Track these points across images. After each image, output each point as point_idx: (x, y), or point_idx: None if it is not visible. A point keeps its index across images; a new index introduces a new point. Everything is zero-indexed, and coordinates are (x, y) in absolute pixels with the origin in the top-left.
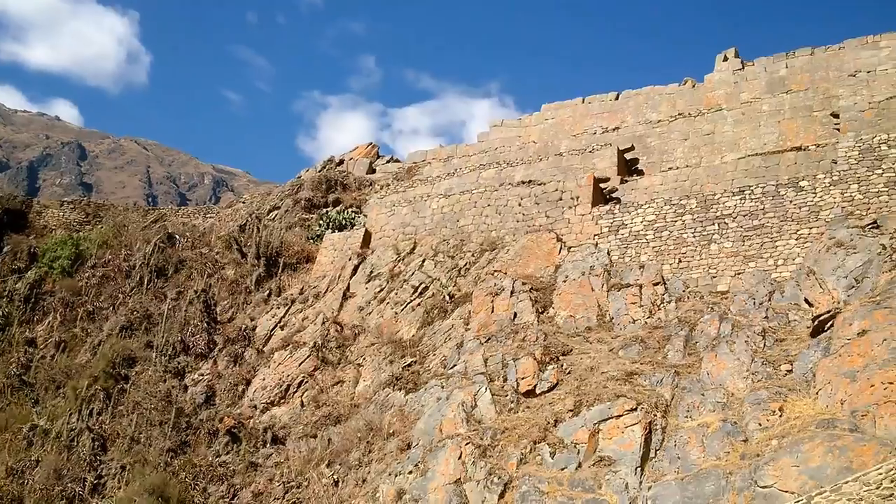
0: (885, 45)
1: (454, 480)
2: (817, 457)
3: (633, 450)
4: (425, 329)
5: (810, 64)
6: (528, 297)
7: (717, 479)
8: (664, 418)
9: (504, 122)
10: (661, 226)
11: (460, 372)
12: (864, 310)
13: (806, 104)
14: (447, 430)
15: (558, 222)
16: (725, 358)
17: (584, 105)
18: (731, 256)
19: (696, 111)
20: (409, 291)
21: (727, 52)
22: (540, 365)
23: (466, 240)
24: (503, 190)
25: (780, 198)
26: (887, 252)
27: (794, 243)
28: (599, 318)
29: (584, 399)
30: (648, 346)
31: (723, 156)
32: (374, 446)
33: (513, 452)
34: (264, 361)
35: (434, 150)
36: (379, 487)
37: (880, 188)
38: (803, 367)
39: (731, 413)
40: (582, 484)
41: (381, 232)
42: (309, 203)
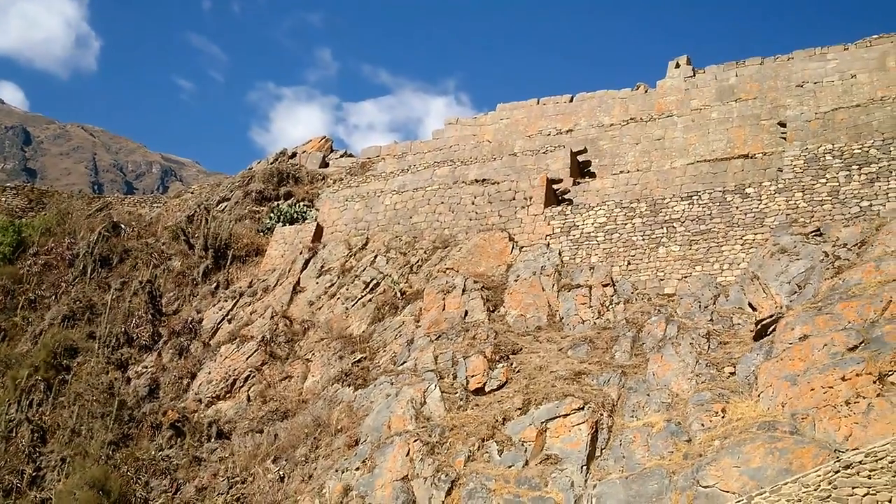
0: (832, 58)
1: (402, 477)
2: (758, 458)
3: (580, 448)
4: (376, 325)
5: (759, 73)
6: (479, 296)
7: (660, 478)
8: (610, 418)
9: (459, 121)
10: (612, 228)
11: (410, 369)
12: (806, 315)
13: (754, 113)
14: (396, 427)
15: (511, 222)
16: (671, 359)
17: (538, 106)
18: (678, 260)
19: (647, 116)
20: (361, 287)
21: (679, 59)
22: (490, 363)
23: (419, 237)
24: (457, 188)
25: (726, 204)
26: (829, 259)
27: (739, 248)
28: (550, 318)
29: (532, 398)
30: (597, 346)
31: (672, 161)
32: (322, 442)
33: (461, 450)
34: (210, 355)
35: (389, 145)
36: (325, 484)
37: (824, 197)
38: (746, 369)
39: (675, 413)
40: (528, 482)
41: (333, 226)
42: (260, 195)
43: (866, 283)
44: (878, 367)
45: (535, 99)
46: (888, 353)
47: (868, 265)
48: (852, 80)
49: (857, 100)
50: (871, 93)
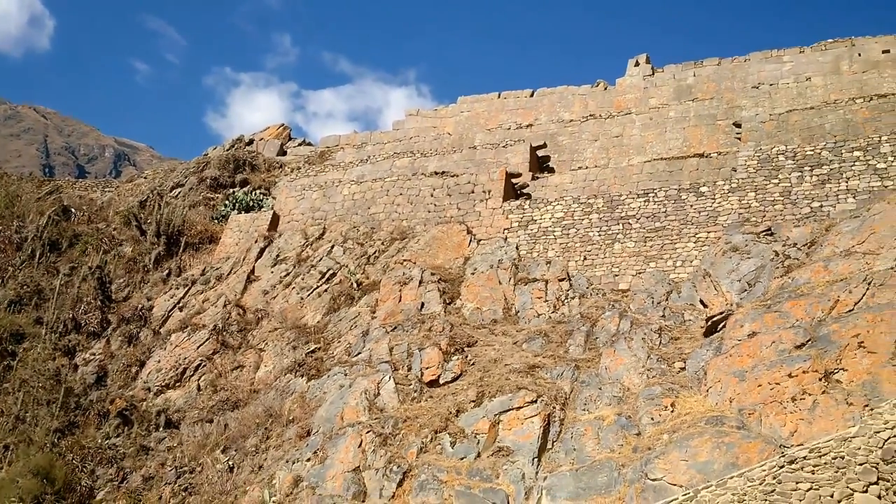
0: (787, 60)
1: (353, 468)
2: (705, 452)
3: (532, 441)
4: (331, 316)
5: (716, 74)
6: (436, 288)
7: (609, 471)
8: (563, 411)
9: (420, 112)
10: (569, 223)
11: (365, 360)
12: (755, 313)
13: (710, 113)
14: (349, 418)
15: (469, 215)
16: (623, 354)
17: (499, 100)
18: (633, 256)
19: (606, 113)
20: (317, 277)
21: (639, 58)
22: (445, 355)
23: (377, 228)
24: (416, 179)
25: (681, 202)
26: (779, 258)
27: (692, 246)
28: (505, 312)
29: (486, 390)
30: (551, 340)
31: (630, 158)
32: (273, 433)
33: (414, 441)
34: (160, 343)
35: (348, 135)
36: (276, 474)
37: (776, 197)
38: (696, 365)
39: (626, 407)
40: (480, 473)
41: (289, 215)
42: (215, 182)
43: (815, 282)
44: (823, 365)
45: (497, 93)
46: (834, 352)
47: (817, 265)
48: (807, 82)
49: (811, 102)
50: (824, 96)
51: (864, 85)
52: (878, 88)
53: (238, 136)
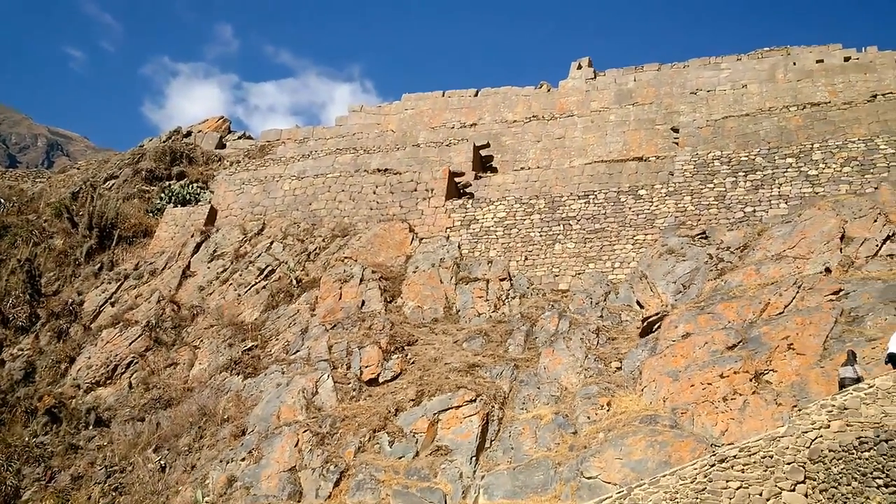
0: (725, 67)
1: (289, 468)
2: (639, 450)
3: (470, 440)
4: (269, 313)
5: (656, 79)
6: (377, 286)
7: (546, 469)
8: (501, 410)
9: (364, 108)
10: (511, 223)
11: (303, 358)
12: (689, 314)
13: (650, 117)
14: (285, 417)
15: (412, 213)
16: (562, 353)
17: (444, 98)
18: (573, 257)
19: (549, 115)
20: (255, 273)
21: (581, 61)
22: (385, 354)
23: (318, 224)
24: (358, 176)
25: (620, 204)
26: (713, 261)
27: (630, 248)
28: (446, 310)
29: (426, 389)
30: (491, 339)
31: (571, 160)
32: (207, 432)
33: (351, 441)
34: (91, 339)
35: (290, 129)
36: (209, 474)
37: (711, 201)
38: (631, 364)
39: (563, 406)
40: (418, 472)
41: (227, 210)
42: (151, 174)
43: (747, 285)
44: (754, 366)
45: (441, 91)
46: (764, 353)
47: (749, 268)
48: (743, 89)
49: (746, 109)
50: (759, 103)
51: (798, 93)
52: (812, 97)
53: (176, 128)
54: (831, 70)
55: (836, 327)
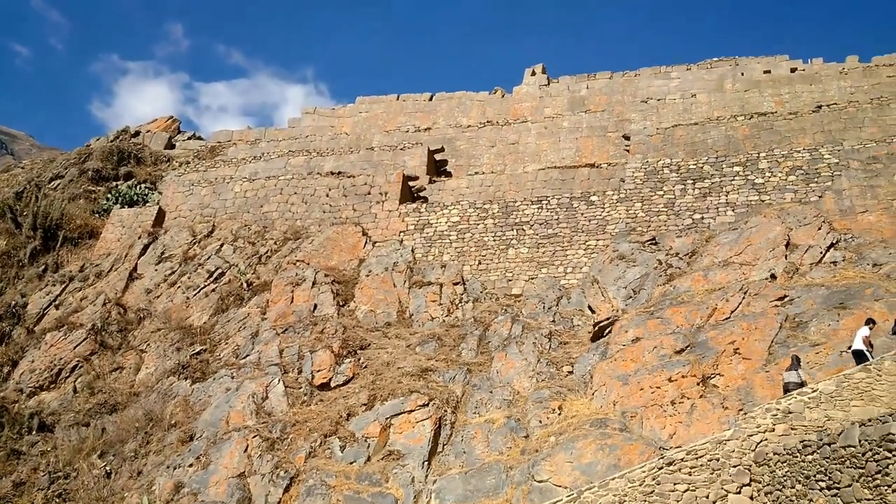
0: (675, 76)
1: (238, 474)
2: (589, 454)
3: (423, 444)
4: (218, 316)
5: (608, 87)
6: (329, 290)
7: (498, 473)
8: (454, 414)
9: (317, 110)
10: (465, 228)
11: (253, 362)
12: (639, 319)
13: (602, 124)
14: (234, 422)
15: (365, 216)
16: (514, 358)
17: (398, 102)
18: (526, 262)
19: (503, 120)
20: (204, 276)
21: (535, 67)
22: (337, 358)
23: (269, 227)
24: (311, 179)
25: (573, 210)
26: (663, 267)
27: (582, 253)
28: (399, 314)
29: (378, 393)
30: (445, 343)
31: (525, 166)
32: (153, 437)
33: (302, 446)
34: (34, 342)
35: (241, 130)
36: (155, 480)
37: (661, 208)
38: (583, 369)
39: (515, 410)
40: (369, 478)
41: (176, 211)
42: (97, 174)
43: (695, 290)
44: (701, 370)
45: (396, 95)
46: (711, 357)
47: (697, 274)
48: (692, 99)
49: (695, 118)
50: (708, 112)
51: (745, 103)
52: (759, 107)
53: (124, 127)
54: (778, 81)
55: (780, 332)
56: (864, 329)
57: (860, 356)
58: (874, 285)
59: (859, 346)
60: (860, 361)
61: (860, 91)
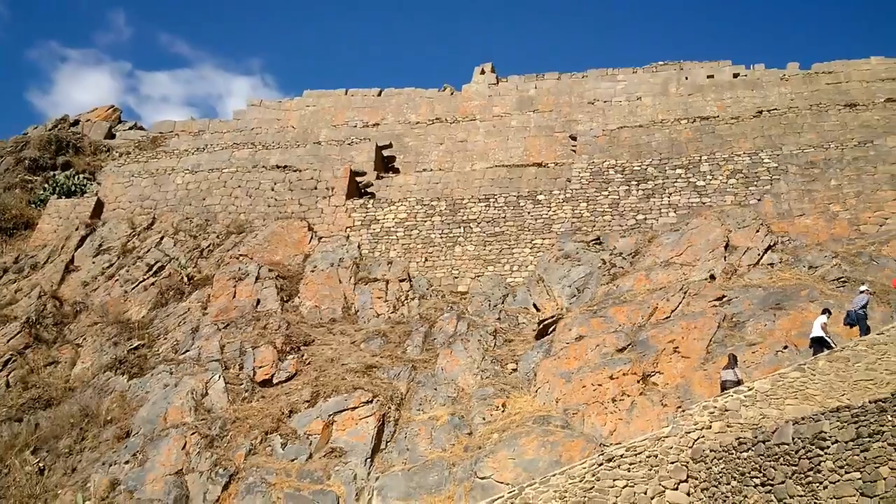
0: (622, 79)
1: (176, 471)
2: (531, 450)
3: (366, 441)
4: (158, 311)
5: (556, 88)
6: (273, 285)
7: (440, 470)
8: (398, 411)
9: (263, 103)
10: (412, 224)
11: (193, 358)
12: (583, 317)
13: (549, 124)
14: (172, 419)
15: (311, 211)
16: (459, 355)
17: (346, 97)
18: (472, 259)
19: (452, 118)
20: (143, 269)
21: (484, 66)
22: (280, 354)
23: (212, 220)
24: (256, 172)
25: (519, 208)
26: (606, 266)
27: (528, 252)
28: (345, 311)
29: (321, 390)
30: (390, 340)
31: (473, 164)
32: (89, 433)
33: (242, 443)
34: None
35: (184, 121)
36: (91, 477)
37: (605, 208)
38: (527, 366)
39: (459, 407)
40: (311, 475)
41: (115, 203)
42: (34, 164)
43: (637, 290)
44: (642, 368)
45: (344, 89)
46: (651, 356)
47: (639, 274)
48: (638, 101)
49: (640, 120)
50: (653, 115)
51: (689, 107)
52: (702, 111)
53: (63, 116)
54: (721, 85)
55: (718, 332)
56: (822, 317)
57: (821, 343)
58: (809, 287)
59: (819, 332)
60: (819, 349)
61: (800, 97)
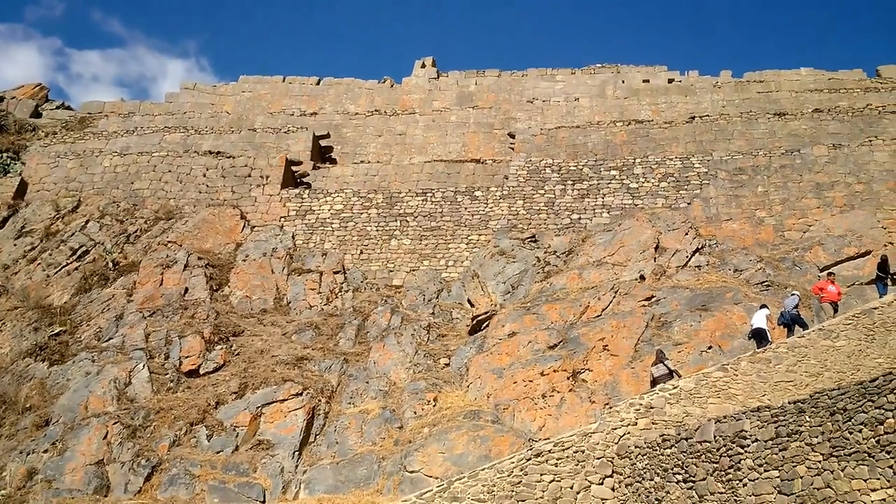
0: (560, 79)
1: (96, 461)
2: (461, 445)
3: (294, 434)
4: (81, 297)
5: (496, 85)
6: (202, 273)
7: (370, 463)
8: (328, 404)
9: (197, 86)
10: (348, 216)
11: (117, 346)
12: (516, 314)
13: (489, 121)
14: (94, 408)
15: (244, 199)
16: (392, 349)
17: (284, 84)
18: (408, 253)
19: (392, 110)
20: (67, 253)
21: (426, 60)
22: (208, 344)
23: (140, 205)
24: (188, 157)
25: (457, 204)
26: (541, 264)
27: (464, 247)
28: (276, 301)
29: (250, 382)
30: (322, 332)
31: (411, 157)
32: (6, 421)
33: (166, 434)
34: None
35: (114, 102)
36: (6, 466)
37: (541, 206)
38: (459, 361)
39: (391, 401)
40: (237, 467)
41: (40, 184)
42: None
43: (570, 288)
44: (572, 365)
45: (282, 76)
46: (582, 353)
47: (572, 272)
48: (576, 102)
49: (577, 121)
50: (590, 116)
51: (624, 110)
52: (637, 114)
53: None
54: (656, 90)
55: (646, 331)
56: (765, 310)
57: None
58: (734, 290)
59: (762, 324)
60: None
61: (731, 104)
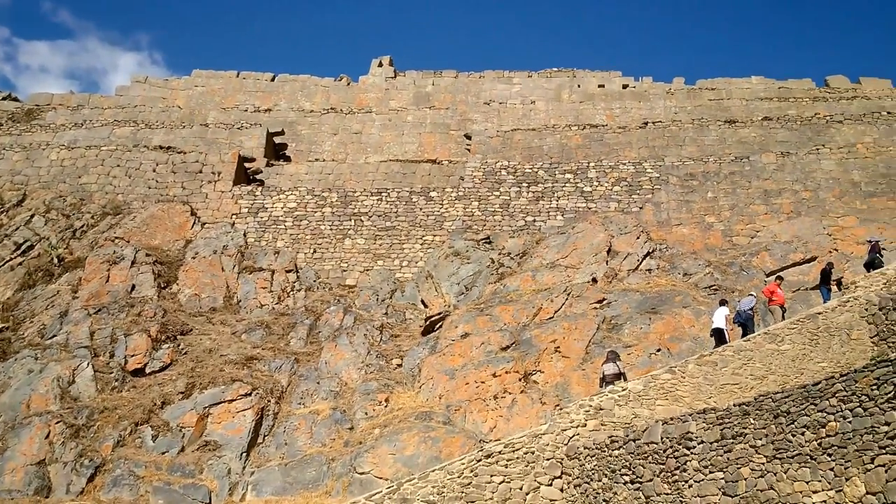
0: (517, 82)
1: (38, 461)
2: (412, 446)
3: (242, 435)
4: (24, 293)
5: (453, 86)
6: (150, 270)
7: (319, 465)
8: (278, 404)
9: (149, 80)
10: (301, 215)
11: (60, 343)
12: (470, 315)
13: (445, 122)
14: (36, 407)
15: (195, 195)
16: (344, 349)
17: (238, 79)
18: (362, 253)
19: (348, 109)
20: (11, 248)
21: (383, 59)
22: (154, 343)
23: (87, 199)
24: (137, 152)
25: (412, 204)
26: (495, 266)
27: (418, 247)
28: (226, 300)
29: (197, 381)
30: (273, 331)
31: (367, 156)
32: None
33: (110, 434)
34: None
35: (63, 94)
36: None
37: (496, 208)
38: (412, 362)
39: (342, 402)
40: (182, 469)
41: None
42: None
43: (523, 289)
44: (524, 367)
45: (236, 72)
46: (534, 355)
47: (526, 274)
48: (532, 105)
49: (533, 124)
50: (545, 119)
51: (580, 114)
52: (592, 119)
53: None
54: (610, 95)
55: (598, 333)
56: (724, 309)
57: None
58: (683, 293)
59: (721, 324)
60: (720, 340)
61: (683, 111)
